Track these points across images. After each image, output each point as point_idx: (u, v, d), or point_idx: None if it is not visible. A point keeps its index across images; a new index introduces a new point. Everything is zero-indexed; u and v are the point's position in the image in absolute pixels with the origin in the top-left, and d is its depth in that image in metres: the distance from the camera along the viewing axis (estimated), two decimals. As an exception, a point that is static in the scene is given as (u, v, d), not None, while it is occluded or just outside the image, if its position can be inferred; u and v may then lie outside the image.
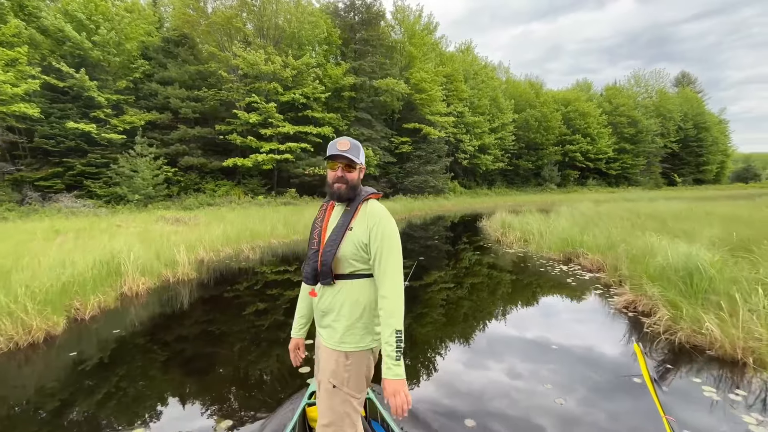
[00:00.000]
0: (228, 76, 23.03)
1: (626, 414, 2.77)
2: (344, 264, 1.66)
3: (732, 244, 5.89)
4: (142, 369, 3.81)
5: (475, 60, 39.63)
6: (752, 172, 65.87)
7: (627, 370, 3.53)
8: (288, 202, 22.16)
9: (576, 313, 5.32)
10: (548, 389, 3.24)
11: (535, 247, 9.40)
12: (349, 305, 1.67)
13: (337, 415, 1.65)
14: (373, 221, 1.65)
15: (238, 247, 9.92)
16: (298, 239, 11.98)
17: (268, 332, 4.75)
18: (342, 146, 1.70)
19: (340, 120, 26.39)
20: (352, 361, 1.66)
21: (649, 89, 53.40)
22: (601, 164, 46.24)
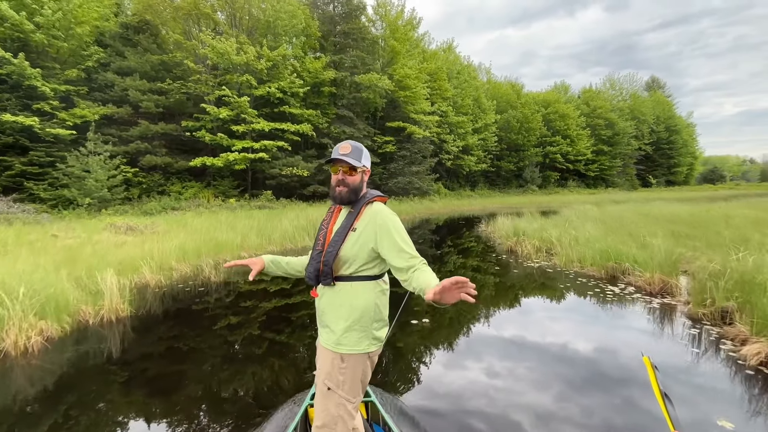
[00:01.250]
0: (195, 67, 20.58)
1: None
2: (345, 265, 1.65)
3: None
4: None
5: (457, 59, 38.31)
6: (718, 173, 67.70)
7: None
8: (263, 205, 19.91)
9: (700, 377, 3.40)
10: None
11: (564, 261, 7.70)
12: (347, 307, 1.65)
13: (331, 418, 1.62)
14: (379, 221, 1.63)
15: (197, 264, 7.79)
16: (275, 251, 9.93)
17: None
18: (343, 150, 1.69)
19: (320, 117, 24.31)
20: (347, 364, 1.63)
21: (624, 92, 53.70)
22: (580, 166, 45.86)
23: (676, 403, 1.63)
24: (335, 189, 1.71)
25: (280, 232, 10.90)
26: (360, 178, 1.73)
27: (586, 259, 7.32)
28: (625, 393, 3.10)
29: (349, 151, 1.69)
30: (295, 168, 22.15)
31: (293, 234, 10.92)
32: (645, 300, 5.47)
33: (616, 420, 2.71)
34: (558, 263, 7.79)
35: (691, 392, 3.13)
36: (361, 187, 1.75)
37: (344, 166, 1.68)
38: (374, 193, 1.78)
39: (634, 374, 3.39)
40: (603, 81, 56.49)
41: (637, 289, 5.93)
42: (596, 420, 2.72)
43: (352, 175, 1.70)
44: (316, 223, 11.99)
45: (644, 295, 5.65)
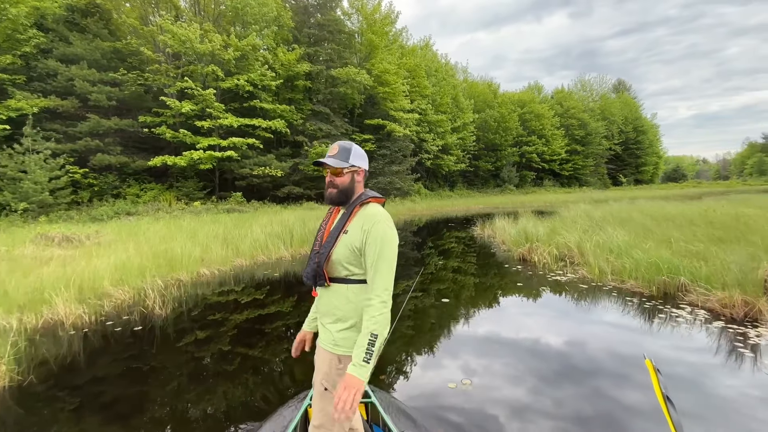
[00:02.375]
0: (153, 56, 18.29)
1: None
2: (338, 267, 1.61)
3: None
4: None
5: (434, 57, 37.15)
6: (680, 172, 69.95)
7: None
8: (232, 208, 17.88)
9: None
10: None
11: (597, 273, 6.35)
12: (343, 309, 1.60)
13: (328, 419, 1.61)
14: (369, 224, 1.56)
15: (141, 288, 5.95)
16: (243, 266, 8.15)
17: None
18: (331, 152, 1.66)
19: (294, 113, 22.42)
20: (344, 365, 1.58)
21: (594, 94, 54.27)
22: (555, 165, 45.77)
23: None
24: (326, 190, 1.68)
25: (250, 240, 9.11)
26: (350, 179, 1.66)
27: (624, 271, 6.00)
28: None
29: (336, 153, 1.64)
30: (268, 168, 20.19)
31: (265, 243, 9.15)
32: (734, 330, 4.14)
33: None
34: (588, 276, 6.44)
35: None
36: (352, 188, 1.67)
37: (330, 168, 1.63)
38: (370, 194, 1.69)
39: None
40: (575, 82, 56.91)
41: (711, 313, 4.61)
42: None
43: (339, 176, 1.64)
44: (293, 228, 10.29)
45: (727, 323, 4.32)
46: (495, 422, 2.70)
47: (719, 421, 2.66)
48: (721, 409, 2.81)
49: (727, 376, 3.25)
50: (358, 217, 1.62)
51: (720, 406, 2.85)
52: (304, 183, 22.91)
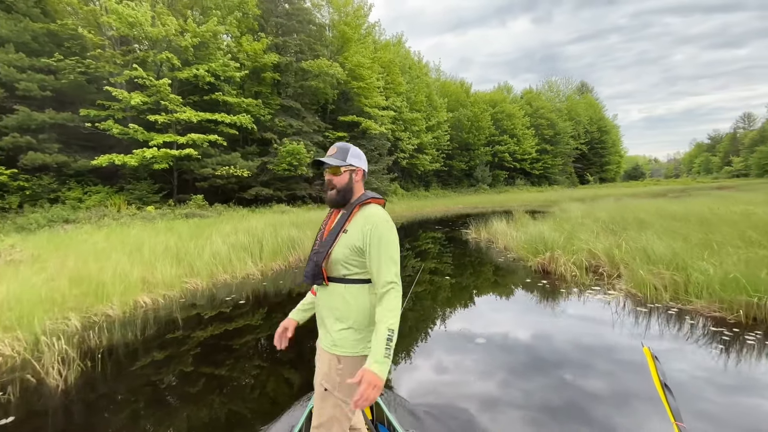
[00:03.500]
0: (96, 39, 15.83)
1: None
2: (337, 266, 1.59)
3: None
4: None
5: (407, 54, 35.88)
6: (639, 171, 72.55)
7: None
8: (192, 213, 15.71)
9: None
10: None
11: (647, 290, 5.05)
12: (341, 309, 1.58)
13: (327, 419, 1.59)
14: (369, 225, 1.54)
15: (39, 335, 4.08)
16: (199, 289, 6.34)
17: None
18: (328, 153, 1.66)
19: (262, 108, 20.38)
20: (344, 365, 1.57)
21: (561, 95, 54.94)
22: (526, 164, 45.77)
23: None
24: (327, 192, 1.66)
25: (209, 254, 7.28)
26: (348, 179, 1.64)
27: (689, 287, 4.74)
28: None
29: (334, 153, 1.64)
30: (233, 167, 18.11)
31: (228, 256, 7.35)
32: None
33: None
34: (638, 293, 5.14)
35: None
36: (351, 188, 1.65)
37: (328, 167, 1.63)
38: (370, 195, 1.66)
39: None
40: (542, 83, 57.42)
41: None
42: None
43: (337, 176, 1.63)
44: (262, 237, 8.52)
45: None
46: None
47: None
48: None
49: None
50: (358, 217, 1.60)
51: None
52: (274, 184, 20.92)
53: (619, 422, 2.60)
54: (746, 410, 2.70)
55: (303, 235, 8.88)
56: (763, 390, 2.96)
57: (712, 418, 2.60)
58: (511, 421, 2.63)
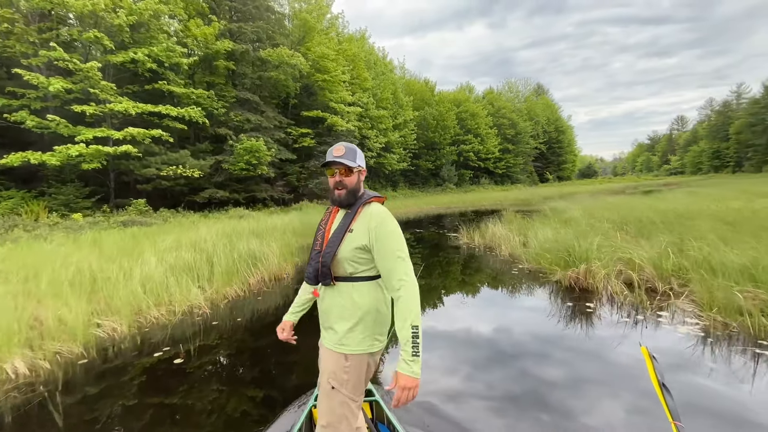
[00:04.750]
0: (3, 12, 12.91)
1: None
2: (344, 265, 1.57)
3: None
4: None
5: (372, 50, 34.27)
6: (592, 169, 75.46)
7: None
8: (132, 220, 13.17)
9: None
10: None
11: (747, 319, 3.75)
12: (349, 308, 1.57)
13: (335, 417, 1.57)
14: (374, 223, 1.55)
15: None
16: (117, 337, 4.32)
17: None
18: (337, 152, 1.60)
19: (214, 100, 17.97)
20: (351, 363, 1.57)
21: (520, 95, 55.60)
22: (489, 164, 45.60)
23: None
24: (334, 192, 1.63)
25: (138, 280, 5.25)
26: (357, 179, 1.65)
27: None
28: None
29: (343, 153, 1.60)
30: (181, 167, 15.65)
31: (164, 281, 5.35)
32: None
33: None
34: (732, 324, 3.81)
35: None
36: (359, 188, 1.66)
37: (340, 167, 1.59)
38: (371, 194, 1.68)
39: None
40: (503, 84, 57.90)
41: None
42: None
43: (348, 176, 1.61)
44: (213, 253, 6.55)
45: None
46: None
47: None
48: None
49: None
50: (362, 216, 1.59)
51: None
52: (230, 185, 18.58)
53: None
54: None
55: (267, 249, 7.00)
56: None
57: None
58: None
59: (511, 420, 2.59)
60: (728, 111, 71.40)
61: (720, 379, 2.96)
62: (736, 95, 72.85)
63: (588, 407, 2.70)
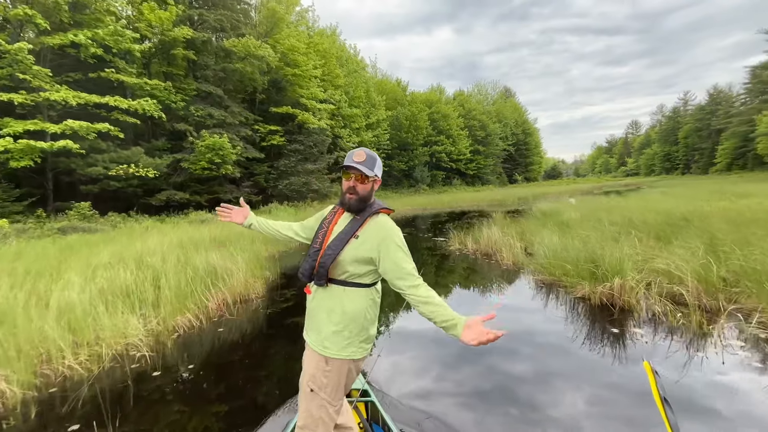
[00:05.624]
0: None
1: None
2: (342, 268, 1.56)
3: None
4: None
5: (343, 47, 33.00)
6: (557, 171, 77.58)
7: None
8: (73, 226, 11.32)
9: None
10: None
11: None
12: (337, 311, 1.55)
13: (312, 420, 1.56)
14: (382, 237, 1.54)
15: None
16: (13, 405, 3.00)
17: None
18: (358, 158, 1.57)
19: (172, 92, 16.20)
20: (331, 367, 1.55)
21: (489, 98, 56.03)
22: (461, 165, 45.44)
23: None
24: (346, 195, 1.60)
25: (55, 310, 3.89)
26: (371, 187, 1.63)
27: None
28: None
29: (364, 159, 1.57)
30: (134, 166, 13.85)
31: (90, 311, 4.00)
32: None
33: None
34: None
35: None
36: (370, 196, 1.64)
37: (357, 173, 1.57)
38: (381, 204, 1.66)
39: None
40: (472, 86, 58.14)
41: None
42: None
43: (363, 183, 1.60)
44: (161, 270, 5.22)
45: None
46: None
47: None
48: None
49: None
50: (370, 226, 1.57)
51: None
52: (191, 186, 16.86)
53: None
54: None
55: (231, 263, 5.72)
56: None
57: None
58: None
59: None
60: (677, 117, 75.61)
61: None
62: (683, 102, 77.33)
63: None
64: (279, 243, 9.48)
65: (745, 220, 6.83)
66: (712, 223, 6.69)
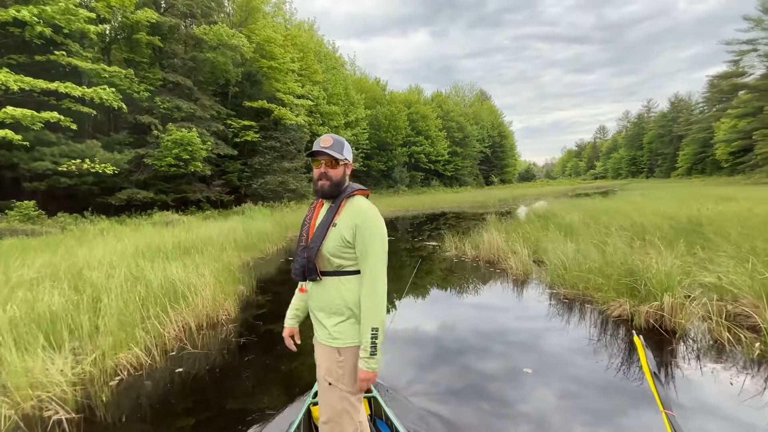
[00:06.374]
0: None
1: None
2: (329, 260, 1.52)
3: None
4: None
5: (321, 43, 31.82)
6: (531, 173, 78.87)
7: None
8: (12, 229, 9.74)
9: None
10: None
11: None
12: (337, 302, 1.52)
13: (336, 412, 1.55)
14: (360, 219, 1.49)
15: None
16: None
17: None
18: (324, 143, 1.54)
19: (135, 81, 14.68)
20: (344, 357, 1.53)
21: (466, 100, 56.10)
22: (439, 166, 45.14)
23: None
24: (317, 182, 1.56)
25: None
26: (342, 172, 1.58)
27: None
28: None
29: (330, 144, 1.54)
30: (88, 161, 12.32)
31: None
32: None
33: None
34: None
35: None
36: (344, 181, 1.59)
37: (326, 158, 1.53)
38: (356, 187, 1.62)
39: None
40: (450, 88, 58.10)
41: None
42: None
43: (334, 168, 1.55)
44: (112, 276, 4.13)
45: None
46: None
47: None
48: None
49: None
50: (346, 209, 1.54)
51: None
52: (156, 184, 15.38)
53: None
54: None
55: (197, 278, 4.65)
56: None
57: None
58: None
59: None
60: (642, 123, 78.67)
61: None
62: (647, 109, 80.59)
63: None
64: (254, 249, 8.40)
65: (757, 224, 6.40)
66: (724, 227, 6.20)
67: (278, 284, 6.35)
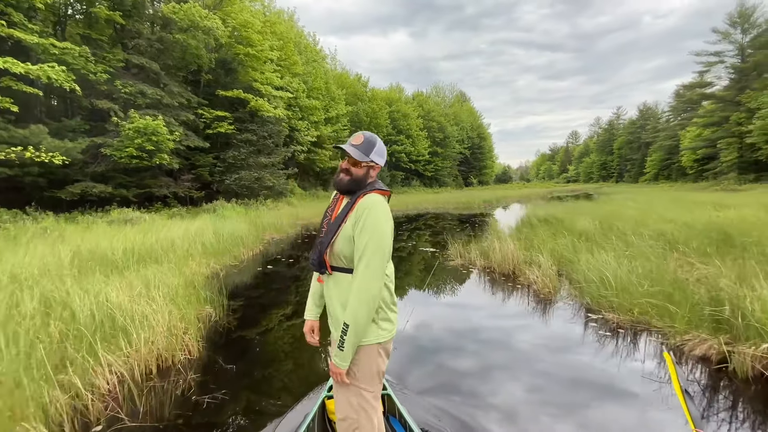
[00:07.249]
0: None
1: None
2: (339, 257, 1.47)
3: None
4: None
5: (301, 35, 30.33)
6: (508, 175, 79.76)
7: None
8: (-71, 227, 8.06)
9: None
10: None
11: None
12: (348, 297, 1.43)
13: (352, 410, 1.49)
14: (362, 212, 1.41)
15: None
16: None
17: None
18: (355, 141, 1.50)
19: (91, 61, 12.93)
20: (359, 355, 1.45)
21: (447, 101, 55.74)
22: (419, 166, 44.47)
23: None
24: (338, 175, 1.52)
25: None
26: (365, 172, 1.51)
27: None
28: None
29: (360, 143, 1.48)
30: (32, 149, 10.58)
31: None
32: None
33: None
34: None
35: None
36: (365, 180, 1.51)
37: (350, 156, 1.47)
38: (376, 186, 1.51)
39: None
40: (430, 88, 57.60)
41: None
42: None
43: (357, 167, 1.49)
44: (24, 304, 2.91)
45: None
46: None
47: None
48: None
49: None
50: (358, 207, 1.45)
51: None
52: (115, 178, 13.69)
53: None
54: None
55: (146, 303, 3.45)
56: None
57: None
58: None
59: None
60: (612, 129, 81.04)
61: None
62: (616, 116, 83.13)
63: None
64: (226, 255, 7.15)
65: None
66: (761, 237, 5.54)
67: (256, 301, 5.19)
